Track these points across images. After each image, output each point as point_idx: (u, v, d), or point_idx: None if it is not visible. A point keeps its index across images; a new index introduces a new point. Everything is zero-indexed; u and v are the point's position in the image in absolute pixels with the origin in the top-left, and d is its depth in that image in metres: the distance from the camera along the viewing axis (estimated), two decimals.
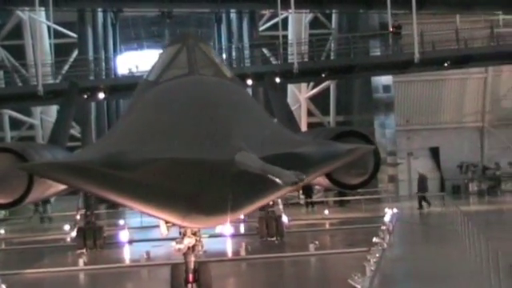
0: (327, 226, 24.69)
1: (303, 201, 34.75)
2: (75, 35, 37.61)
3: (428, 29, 32.24)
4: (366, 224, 22.79)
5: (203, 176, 5.52)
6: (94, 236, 20.03)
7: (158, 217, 6.81)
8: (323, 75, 31.86)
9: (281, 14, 32.60)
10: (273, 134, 6.40)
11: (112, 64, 36.33)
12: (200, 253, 7.90)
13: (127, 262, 17.83)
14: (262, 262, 16.39)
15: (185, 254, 7.84)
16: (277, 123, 7.19)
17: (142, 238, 22.02)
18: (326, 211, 28.12)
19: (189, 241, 7.68)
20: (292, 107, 21.96)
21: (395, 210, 23.89)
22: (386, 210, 23.35)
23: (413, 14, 29.35)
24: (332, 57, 35.36)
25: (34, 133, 39.43)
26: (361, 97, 38.16)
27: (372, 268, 12.53)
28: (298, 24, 38.35)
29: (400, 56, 30.89)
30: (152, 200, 6.09)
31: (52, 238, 24.03)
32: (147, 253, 17.04)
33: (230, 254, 17.77)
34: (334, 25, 40.25)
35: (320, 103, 40.48)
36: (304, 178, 4.92)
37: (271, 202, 18.76)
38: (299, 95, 40.13)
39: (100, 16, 39.56)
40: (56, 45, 33.92)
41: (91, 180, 6.16)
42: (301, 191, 33.69)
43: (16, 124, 39.79)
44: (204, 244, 7.84)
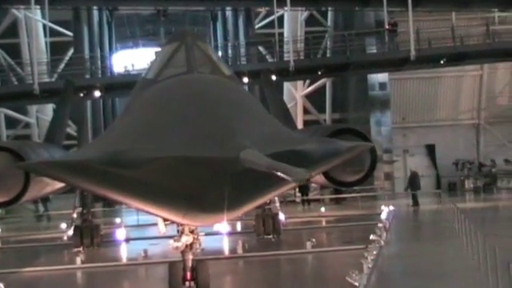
0: (324, 224, 24.63)
1: (299, 198, 34.75)
2: (71, 34, 37.45)
3: (424, 26, 32.24)
4: (363, 221, 22.77)
5: (208, 174, 5.50)
6: (91, 234, 19.92)
7: (158, 215, 6.80)
8: (319, 73, 31.84)
9: (276, 12, 32.62)
10: (274, 132, 6.41)
11: (108, 62, 36.28)
12: (198, 251, 7.90)
13: (124, 261, 17.72)
14: (259, 260, 16.31)
15: (183, 252, 7.84)
16: (276, 121, 7.16)
17: (139, 236, 21.96)
18: (323, 209, 28.15)
19: (186, 239, 7.68)
20: (288, 105, 21.90)
21: (391, 208, 23.90)
22: (383, 208, 23.35)
23: (409, 12, 29.43)
24: (328, 54, 35.27)
25: (30, 131, 39.39)
26: (357, 94, 38.18)
27: (369, 265, 12.52)
28: (294, 22, 38.28)
29: (396, 53, 30.92)
30: (153, 198, 6.07)
31: (49, 237, 23.95)
32: (145, 251, 16.98)
33: (227, 252, 17.72)
34: (330, 22, 40.27)
35: (316, 101, 40.55)
36: (312, 175, 4.94)
37: (268, 200, 18.76)
38: (295, 93, 40.14)
39: (95, 14, 39.47)
40: (52, 43, 33.78)
41: (92, 178, 6.14)
42: (297, 189, 33.66)
43: (12, 122, 39.75)
44: (202, 242, 7.84)
